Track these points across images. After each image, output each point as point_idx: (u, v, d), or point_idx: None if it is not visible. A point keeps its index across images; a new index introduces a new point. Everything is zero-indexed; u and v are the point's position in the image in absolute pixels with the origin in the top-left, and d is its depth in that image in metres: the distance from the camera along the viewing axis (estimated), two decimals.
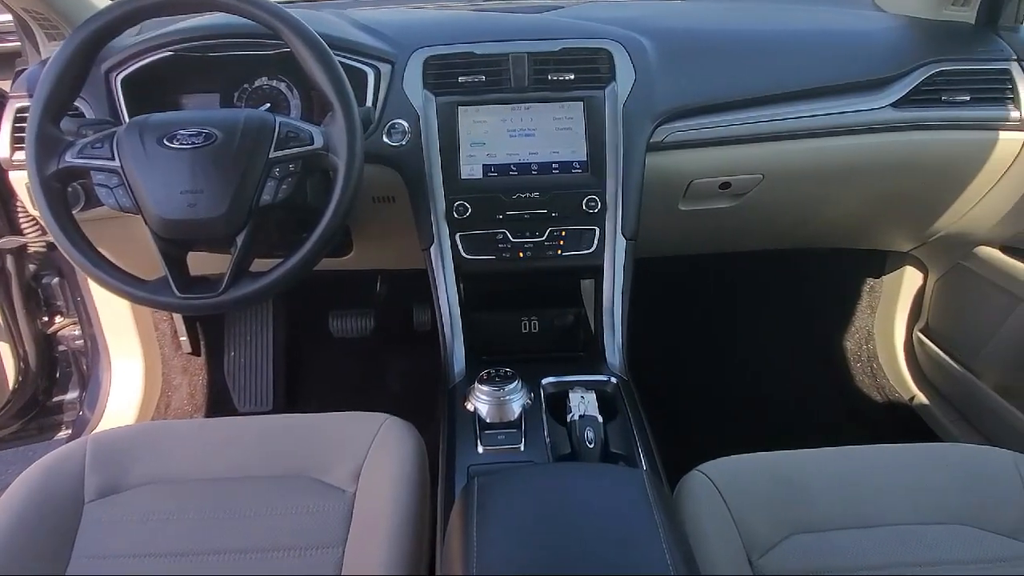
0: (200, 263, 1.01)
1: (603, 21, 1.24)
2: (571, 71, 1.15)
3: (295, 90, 1.21)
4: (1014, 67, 1.23)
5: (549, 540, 0.62)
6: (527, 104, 1.14)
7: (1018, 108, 1.21)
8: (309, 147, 0.93)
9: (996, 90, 1.22)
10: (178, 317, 1.78)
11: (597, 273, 1.14)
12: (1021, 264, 1.32)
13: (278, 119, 0.94)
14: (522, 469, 0.74)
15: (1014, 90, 1.22)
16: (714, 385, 1.82)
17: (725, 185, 1.26)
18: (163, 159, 0.90)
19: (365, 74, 1.13)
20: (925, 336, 1.65)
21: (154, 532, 0.88)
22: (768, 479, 0.94)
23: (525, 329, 1.21)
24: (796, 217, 1.43)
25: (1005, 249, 1.39)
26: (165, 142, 0.91)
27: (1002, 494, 0.90)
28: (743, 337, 1.91)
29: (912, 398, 1.72)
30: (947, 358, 1.56)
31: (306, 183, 1.01)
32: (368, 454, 0.96)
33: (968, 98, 1.22)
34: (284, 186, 0.92)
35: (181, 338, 1.80)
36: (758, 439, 1.03)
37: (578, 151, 1.13)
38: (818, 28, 1.33)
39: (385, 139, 1.12)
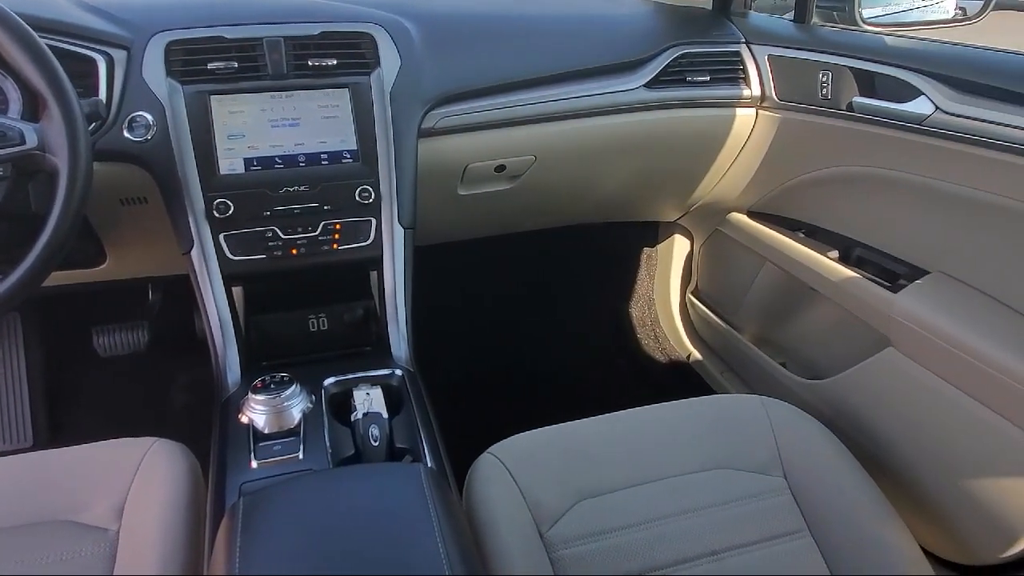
0: None
1: (365, 4, 1.20)
2: (333, 56, 1.10)
3: (12, 83, 1.05)
4: (743, 49, 1.36)
5: (319, 554, 0.59)
6: (288, 92, 1.08)
7: (749, 87, 1.35)
8: (19, 147, 0.80)
9: (730, 70, 1.35)
10: None
11: (377, 265, 1.11)
12: (764, 227, 1.48)
13: None
14: (292, 481, 0.70)
15: (745, 70, 1.35)
16: (511, 365, 1.86)
17: (500, 168, 1.29)
18: None
19: (94, 62, 1.00)
20: (695, 297, 1.81)
21: None
22: (555, 451, 0.98)
23: (313, 327, 1.15)
24: (571, 195, 1.49)
25: (751, 214, 1.55)
26: None
27: (752, 436, 1.00)
28: (535, 315, 1.97)
29: (689, 356, 1.88)
30: (713, 316, 1.72)
31: (27, 188, 0.88)
32: (132, 485, 0.87)
33: (708, 78, 1.33)
34: None
35: None
36: (556, 412, 1.06)
37: (347, 140, 1.09)
38: (577, 13, 1.39)
39: (126, 134, 1.01)
